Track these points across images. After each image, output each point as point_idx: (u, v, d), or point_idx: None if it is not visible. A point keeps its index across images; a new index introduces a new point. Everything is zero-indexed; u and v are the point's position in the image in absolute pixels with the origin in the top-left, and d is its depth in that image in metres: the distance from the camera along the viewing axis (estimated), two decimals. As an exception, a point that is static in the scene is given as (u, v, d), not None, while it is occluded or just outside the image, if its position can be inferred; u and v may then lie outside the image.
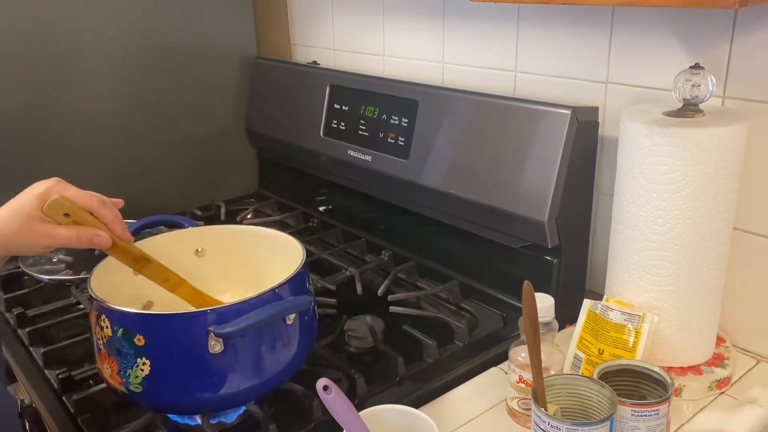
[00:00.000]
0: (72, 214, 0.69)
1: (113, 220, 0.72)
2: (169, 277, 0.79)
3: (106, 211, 0.72)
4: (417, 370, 0.85)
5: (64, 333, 0.96)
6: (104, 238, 0.71)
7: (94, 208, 0.71)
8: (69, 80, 1.21)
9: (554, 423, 0.61)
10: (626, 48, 0.90)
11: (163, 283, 0.78)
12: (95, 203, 0.71)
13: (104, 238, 0.71)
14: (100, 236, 0.71)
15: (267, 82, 1.39)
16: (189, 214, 1.35)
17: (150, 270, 0.77)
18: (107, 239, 0.71)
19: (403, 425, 0.67)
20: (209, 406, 0.73)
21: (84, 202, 0.71)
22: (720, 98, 0.82)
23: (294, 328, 0.74)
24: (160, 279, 0.78)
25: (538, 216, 0.88)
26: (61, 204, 0.69)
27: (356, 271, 1.08)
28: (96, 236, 0.70)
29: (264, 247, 0.88)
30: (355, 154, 1.16)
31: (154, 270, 0.78)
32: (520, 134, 0.91)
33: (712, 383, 0.78)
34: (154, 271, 0.78)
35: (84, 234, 0.70)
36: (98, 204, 0.72)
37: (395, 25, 1.22)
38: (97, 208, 0.71)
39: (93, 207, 0.71)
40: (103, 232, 0.71)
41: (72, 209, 0.69)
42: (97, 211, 0.71)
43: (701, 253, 0.75)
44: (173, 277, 0.79)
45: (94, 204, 0.71)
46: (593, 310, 0.80)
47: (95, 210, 0.71)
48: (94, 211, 0.71)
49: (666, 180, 0.73)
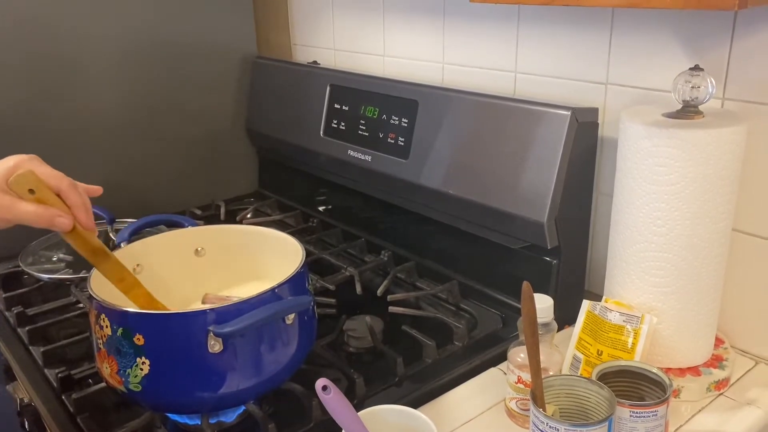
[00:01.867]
0: (37, 191, 0.67)
1: (79, 206, 0.70)
2: (125, 276, 0.76)
3: (74, 194, 0.70)
4: (416, 370, 0.85)
5: (64, 332, 0.96)
6: (65, 222, 0.68)
7: (62, 190, 0.69)
8: (70, 79, 1.21)
9: (553, 424, 0.62)
10: (626, 49, 0.90)
11: (117, 282, 0.76)
12: (64, 185, 0.69)
13: (65, 221, 0.68)
14: (61, 218, 0.68)
15: (267, 82, 1.39)
16: (189, 213, 1.35)
17: (106, 265, 0.74)
18: (68, 223, 0.69)
19: (401, 425, 0.67)
20: (208, 406, 0.73)
21: (52, 181, 0.68)
22: (719, 100, 0.82)
23: (293, 328, 0.74)
24: (116, 277, 0.75)
25: (537, 217, 0.89)
26: (27, 178, 0.67)
27: (356, 271, 1.08)
28: (57, 217, 0.68)
29: (263, 246, 0.88)
30: (355, 154, 1.16)
31: (111, 266, 0.75)
32: (520, 135, 0.91)
33: (711, 384, 0.78)
34: (110, 267, 0.75)
35: (45, 213, 0.67)
36: (67, 186, 0.69)
37: (395, 26, 1.22)
38: (65, 190, 0.69)
39: (61, 188, 0.69)
40: (65, 215, 0.68)
41: (38, 186, 0.67)
42: (65, 193, 0.69)
43: (700, 255, 0.75)
44: (129, 278, 0.77)
45: (63, 185, 0.69)
46: (592, 311, 0.80)
47: (63, 191, 0.69)
48: (62, 192, 0.69)
49: (665, 181, 0.73)
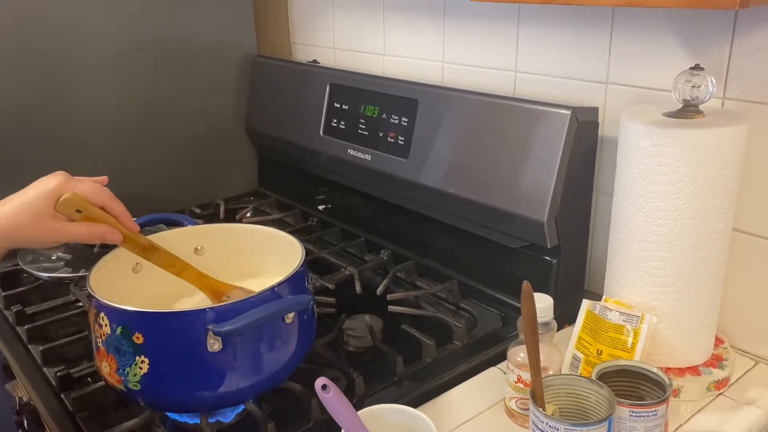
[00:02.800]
0: (84, 211, 0.72)
1: (123, 215, 0.76)
2: (175, 262, 0.82)
3: (116, 205, 0.75)
4: (415, 369, 0.85)
5: (63, 331, 0.96)
6: (116, 235, 0.75)
7: (106, 204, 0.74)
8: (69, 78, 1.21)
9: (552, 423, 0.61)
10: (626, 48, 0.90)
11: (169, 268, 0.81)
12: (106, 199, 0.74)
13: (116, 234, 0.75)
14: (112, 233, 0.74)
15: (267, 81, 1.39)
16: (188, 212, 1.35)
17: (157, 257, 0.80)
18: (118, 236, 0.75)
19: (401, 424, 0.67)
20: (208, 405, 0.73)
21: (95, 198, 0.73)
22: (720, 99, 0.82)
23: (293, 327, 0.74)
24: (167, 264, 0.81)
25: (537, 216, 0.88)
26: (73, 202, 0.71)
27: (355, 270, 1.08)
28: (108, 233, 0.74)
29: (263, 245, 0.88)
30: (355, 153, 1.16)
31: (161, 257, 0.81)
32: (520, 134, 0.91)
33: (711, 384, 0.78)
34: (161, 257, 0.81)
35: (96, 231, 0.73)
36: (109, 199, 0.74)
37: (396, 25, 1.22)
38: (109, 203, 0.74)
39: (104, 203, 0.74)
40: (114, 229, 0.74)
41: (84, 206, 0.72)
42: (108, 206, 0.74)
43: (700, 254, 0.75)
44: (178, 263, 0.82)
45: (105, 200, 0.74)
46: (592, 310, 0.80)
47: (107, 205, 0.74)
48: (106, 206, 0.74)
49: (665, 181, 0.73)
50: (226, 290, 0.83)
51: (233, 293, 0.82)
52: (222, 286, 0.83)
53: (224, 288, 0.83)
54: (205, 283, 0.83)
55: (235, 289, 0.83)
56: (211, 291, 0.83)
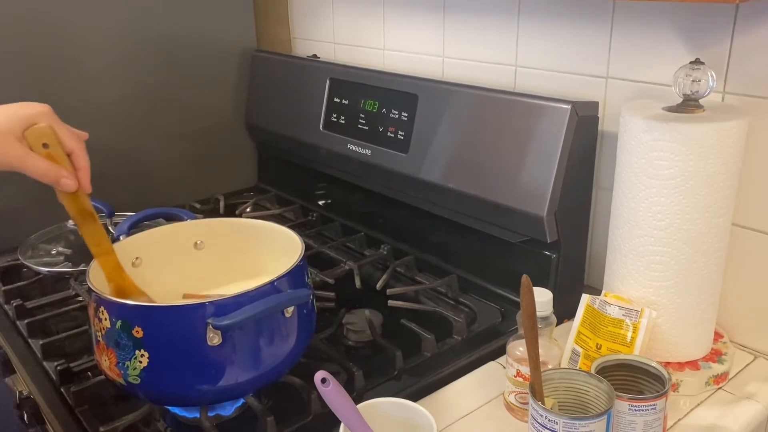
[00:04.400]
0: (51, 147, 0.69)
1: (85, 169, 0.72)
2: (102, 242, 0.77)
3: (84, 158, 0.72)
4: (415, 363, 0.85)
5: (63, 325, 0.96)
6: (70, 183, 0.71)
7: (75, 151, 0.71)
8: (68, 73, 1.21)
9: (551, 417, 0.62)
10: (627, 43, 0.89)
11: (94, 246, 0.77)
12: (77, 147, 0.71)
13: (71, 182, 0.71)
14: (68, 179, 0.70)
15: (267, 76, 1.39)
16: (188, 207, 1.34)
17: (89, 229, 0.76)
18: (73, 185, 0.71)
19: (401, 418, 0.67)
20: (207, 398, 0.73)
21: (67, 140, 0.71)
22: (720, 94, 0.82)
23: (292, 321, 0.74)
24: (93, 241, 0.76)
25: (537, 210, 0.88)
26: (44, 133, 0.68)
27: (355, 264, 1.08)
28: (65, 178, 0.70)
29: (263, 240, 0.88)
30: (355, 148, 1.16)
31: (93, 230, 0.76)
32: (520, 129, 0.91)
33: (710, 378, 0.78)
34: (92, 231, 0.76)
35: (53, 171, 0.70)
36: (80, 149, 0.72)
37: (395, 19, 1.22)
38: (78, 153, 0.72)
39: (74, 149, 0.71)
40: (71, 177, 0.71)
41: (53, 143, 0.69)
42: (76, 155, 0.71)
43: (700, 249, 0.75)
44: (105, 244, 0.77)
45: (76, 147, 0.71)
46: (591, 305, 0.80)
47: (75, 153, 0.71)
48: (74, 153, 0.71)
49: (665, 175, 0.73)
50: (133, 292, 0.79)
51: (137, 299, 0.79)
52: (131, 288, 0.79)
53: (133, 290, 0.79)
54: (115, 276, 0.78)
55: (142, 296, 0.80)
56: (117, 286, 0.78)
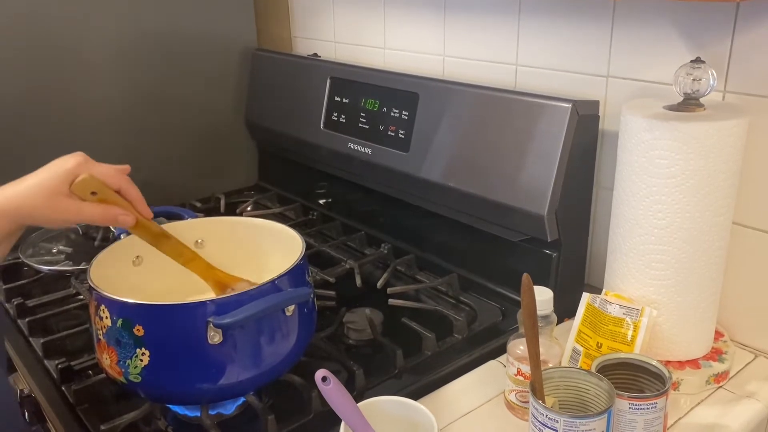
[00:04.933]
0: (99, 193, 0.71)
1: (138, 200, 0.75)
2: (184, 252, 0.82)
3: (133, 190, 0.75)
4: (416, 362, 0.85)
5: (64, 323, 0.97)
6: (129, 218, 0.74)
7: (122, 187, 0.74)
8: (68, 72, 1.21)
9: (552, 415, 0.62)
10: (627, 42, 0.89)
11: (178, 257, 0.81)
12: (123, 182, 0.74)
13: (129, 218, 0.74)
14: (125, 216, 0.73)
15: (267, 75, 1.39)
16: (189, 206, 1.34)
17: (167, 245, 0.80)
18: (132, 219, 0.74)
19: (401, 417, 0.67)
20: (208, 397, 0.73)
21: (112, 181, 0.73)
22: (721, 92, 0.82)
23: (293, 320, 0.74)
24: (176, 254, 0.81)
25: (537, 209, 0.88)
26: (89, 183, 0.70)
27: (356, 263, 1.08)
28: (121, 216, 0.73)
29: (263, 238, 0.88)
30: (356, 146, 1.16)
31: (172, 246, 0.81)
32: (521, 127, 0.91)
33: (710, 377, 0.78)
34: (171, 246, 0.81)
35: (110, 212, 0.72)
36: (125, 183, 0.74)
37: (396, 18, 1.22)
38: (125, 187, 0.74)
39: (121, 186, 0.74)
40: (128, 213, 0.74)
41: (100, 188, 0.71)
42: (125, 190, 0.74)
43: (700, 248, 0.75)
44: (187, 252, 0.82)
45: (122, 183, 0.74)
46: (592, 303, 0.80)
47: (123, 189, 0.74)
48: (122, 190, 0.74)
49: (666, 174, 0.73)
50: (231, 282, 0.83)
51: (238, 285, 0.82)
52: (228, 278, 0.83)
53: (230, 280, 0.83)
54: (211, 274, 0.83)
55: (241, 281, 0.83)
56: (216, 283, 0.83)
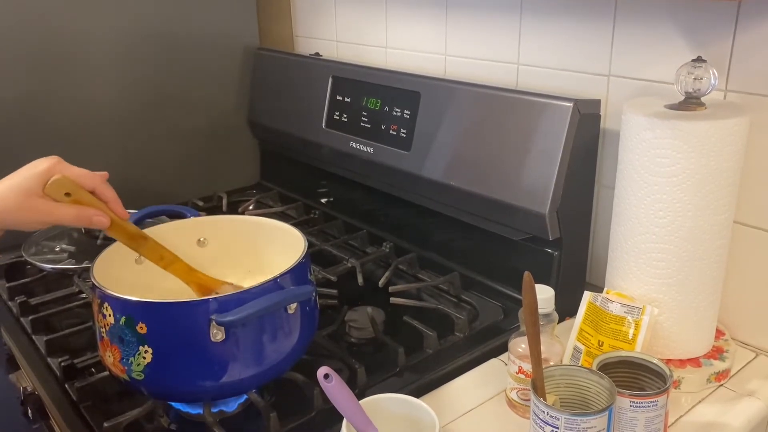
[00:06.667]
0: (73, 194, 0.71)
1: (114, 200, 0.74)
2: (164, 255, 0.80)
3: (107, 190, 0.74)
4: (417, 360, 0.85)
5: (67, 321, 0.97)
6: (104, 219, 0.73)
7: (97, 188, 0.73)
8: (70, 71, 1.21)
9: (553, 413, 0.62)
10: (629, 41, 0.90)
11: (158, 261, 0.80)
12: (97, 183, 0.73)
13: (103, 218, 0.73)
14: (100, 216, 0.73)
15: (269, 74, 1.39)
16: (191, 205, 1.34)
17: (146, 248, 0.79)
18: (106, 220, 0.73)
19: (403, 414, 0.67)
20: (210, 395, 0.74)
21: (86, 182, 0.72)
22: (722, 92, 0.82)
23: (295, 318, 0.74)
24: (155, 257, 0.80)
25: (539, 208, 0.89)
26: (63, 184, 0.70)
27: (357, 262, 1.08)
28: (95, 216, 0.72)
29: (266, 237, 0.88)
30: (357, 145, 1.16)
31: (150, 248, 0.79)
32: (522, 126, 0.91)
33: (711, 376, 0.79)
34: (149, 248, 0.79)
35: (84, 214, 0.72)
36: (100, 183, 0.73)
37: (398, 17, 1.22)
38: (100, 189, 0.73)
39: (95, 187, 0.73)
40: (102, 213, 0.73)
41: (74, 189, 0.71)
42: (99, 191, 0.73)
43: (701, 246, 0.75)
44: (167, 255, 0.81)
45: (96, 184, 0.73)
46: (593, 302, 0.80)
47: (97, 190, 0.73)
48: (97, 190, 0.73)
49: (667, 173, 0.73)
50: (214, 285, 0.82)
51: (222, 288, 0.82)
52: (210, 281, 0.82)
53: (212, 283, 0.82)
54: (193, 277, 0.82)
55: (224, 284, 0.83)
56: (199, 286, 0.82)
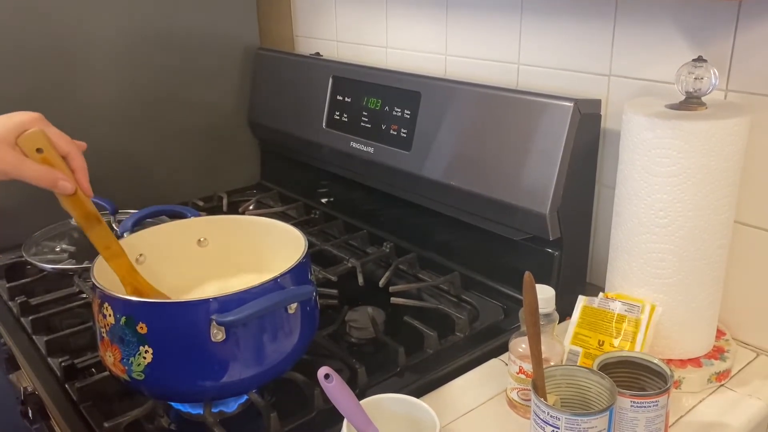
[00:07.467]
0: (45, 151, 0.69)
1: (82, 171, 0.73)
2: (111, 245, 0.77)
3: (80, 159, 0.72)
4: (417, 360, 0.85)
5: (67, 322, 0.97)
6: (68, 185, 0.71)
7: (70, 153, 0.72)
8: (71, 71, 1.21)
9: (554, 413, 0.62)
10: (629, 41, 0.89)
11: (103, 249, 0.77)
12: (73, 150, 0.72)
13: (68, 185, 0.71)
14: (64, 181, 0.71)
15: (269, 74, 1.39)
16: (191, 205, 1.34)
17: (96, 232, 0.75)
18: (71, 187, 0.71)
19: (403, 414, 0.67)
20: (211, 395, 0.74)
21: (62, 145, 0.71)
22: (722, 91, 0.82)
23: (295, 318, 0.74)
24: (102, 245, 0.76)
25: (539, 208, 0.89)
26: (37, 138, 0.69)
27: (358, 262, 1.08)
28: (61, 180, 0.70)
29: (266, 237, 0.88)
30: (358, 145, 1.16)
31: (100, 233, 0.76)
32: (523, 126, 0.91)
33: (712, 376, 0.79)
34: (98, 234, 0.76)
35: (50, 174, 0.70)
36: (75, 150, 0.72)
37: (398, 17, 1.22)
38: (73, 154, 0.72)
39: (69, 151, 0.71)
40: (68, 179, 0.71)
41: (47, 147, 0.69)
42: (72, 156, 0.72)
43: (702, 246, 0.75)
44: (115, 247, 0.77)
45: (71, 149, 0.72)
46: (589, 305, 0.80)
47: (70, 154, 0.72)
48: (70, 155, 0.72)
49: (668, 173, 0.73)
50: (150, 293, 0.80)
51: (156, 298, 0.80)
52: (148, 288, 0.80)
53: (149, 290, 0.80)
54: (131, 278, 0.79)
55: (160, 294, 0.81)
56: (135, 289, 0.79)
